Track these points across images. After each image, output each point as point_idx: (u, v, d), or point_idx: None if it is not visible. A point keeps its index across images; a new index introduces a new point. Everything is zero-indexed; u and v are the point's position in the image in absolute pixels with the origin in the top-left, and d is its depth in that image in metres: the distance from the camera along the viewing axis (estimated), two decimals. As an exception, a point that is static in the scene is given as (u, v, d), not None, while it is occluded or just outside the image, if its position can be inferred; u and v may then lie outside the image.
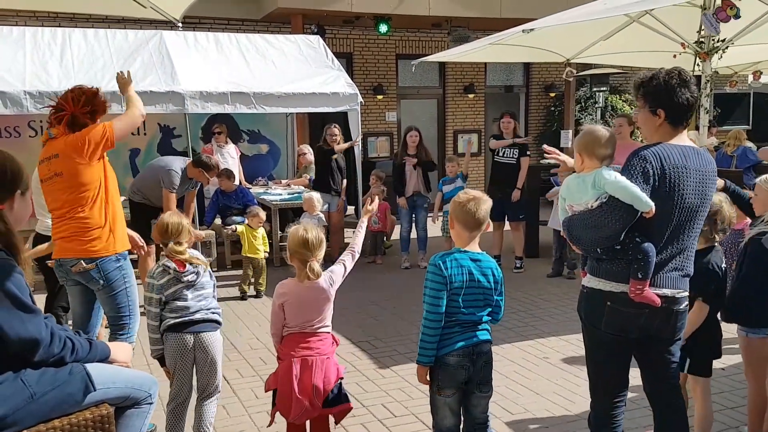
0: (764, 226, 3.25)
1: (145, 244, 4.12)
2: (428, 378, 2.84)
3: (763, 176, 3.40)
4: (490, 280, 2.82)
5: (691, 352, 3.17)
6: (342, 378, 3.18)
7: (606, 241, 2.63)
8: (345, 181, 8.33)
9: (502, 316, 2.96)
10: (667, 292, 2.66)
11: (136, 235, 4.02)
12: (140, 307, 3.69)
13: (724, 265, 3.21)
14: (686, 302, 2.76)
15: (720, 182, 3.49)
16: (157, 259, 3.79)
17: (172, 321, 3.25)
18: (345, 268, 3.28)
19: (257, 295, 6.81)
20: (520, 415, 3.96)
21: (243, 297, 6.76)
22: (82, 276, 3.56)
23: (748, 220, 3.81)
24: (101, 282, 3.56)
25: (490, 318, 2.88)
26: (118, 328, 3.67)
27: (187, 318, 3.26)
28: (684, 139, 2.72)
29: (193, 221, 7.01)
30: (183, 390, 3.34)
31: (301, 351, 3.05)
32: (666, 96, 2.67)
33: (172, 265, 3.26)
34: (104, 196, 3.55)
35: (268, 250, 7.03)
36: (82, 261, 3.50)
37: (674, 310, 2.70)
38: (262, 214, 6.98)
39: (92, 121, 3.56)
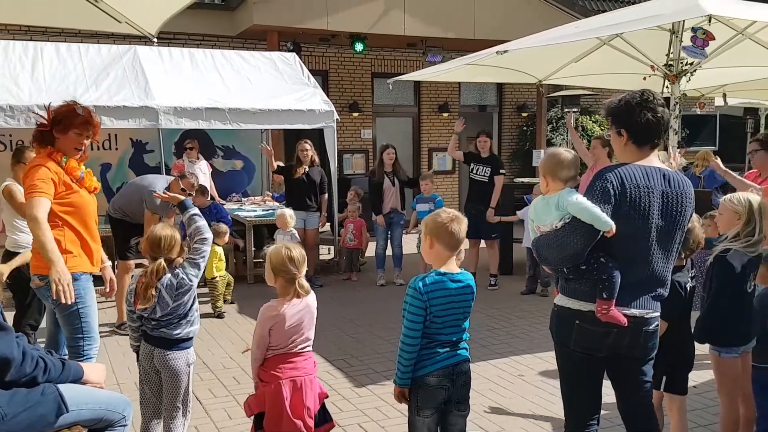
0: (728, 243, 3.32)
1: (110, 288, 3.99)
2: (407, 398, 2.83)
3: (728, 195, 3.47)
4: (469, 300, 2.84)
5: (667, 369, 3.20)
6: (327, 396, 3.16)
7: (570, 260, 2.66)
8: (325, 195, 8.26)
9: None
10: (636, 312, 2.68)
11: (110, 279, 3.95)
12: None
13: (690, 284, 3.26)
14: (657, 323, 2.78)
15: None
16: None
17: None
18: None
19: (221, 316, 6.64)
20: (496, 434, 3.96)
21: (215, 314, 6.67)
22: (38, 292, 3.52)
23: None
24: (50, 300, 3.45)
25: (468, 336, 2.88)
26: (74, 350, 3.55)
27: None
28: (652, 160, 2.76)
29: None
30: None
31: (288, 372, 2.98)
32: (627, 116, 2.73)
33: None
34: (63, 219, 3.50)
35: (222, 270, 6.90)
36: (36, 277, 3.46)
37: (643, 330, 2.71)
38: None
39: (61, 132, 3.55)
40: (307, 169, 7.95)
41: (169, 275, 3.18)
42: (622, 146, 2.79)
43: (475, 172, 7.82)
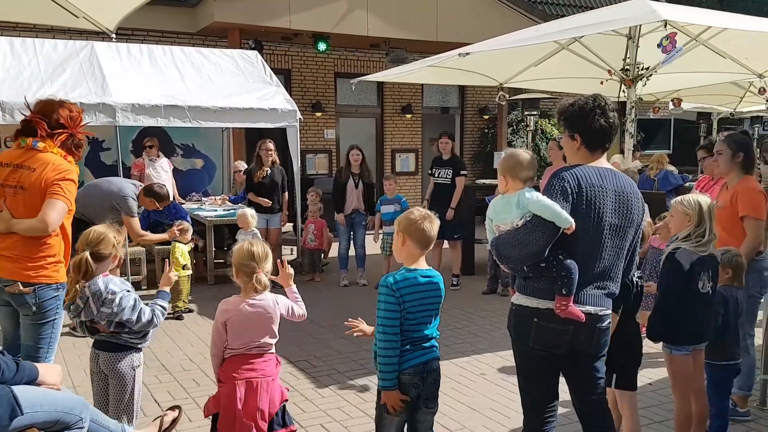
0: (679, 243, 3.42)
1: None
2: (401, 400, 2.80)
3: (678, 198, 3.57)
4: (439, 296, 2.86)
5: (617, 366, 3.28)
6: (287, 400, 3.12)
7: (531, 258, 2.70)
8: (286, 194, 8.21)
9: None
10: (590, 309, 2.74)
11: None
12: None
13: (639, 282, 3.34)
14: (609, 320, 2.85)
15: None
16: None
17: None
18: (292, 307, 3.20)
19: (181, 317, 6.52)
20: (458, 432, 4.00)
21: (174, 314, 6.56)
22: (14, 298, 3.36)
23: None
24: (33, 308, 3.35)
25: (438, 334, 2.91)
26: (33, 358, 3.39)
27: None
28: (602, 162, 2.85)
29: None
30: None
31: (245, 373, 2.96)
32: (582, 122, 2.82)
33: None
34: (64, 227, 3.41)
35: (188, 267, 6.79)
36: (19, 283, 3.28)
37: (597, 327, 2.78)
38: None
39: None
40: (268, 171, 7.89)
41: (100, 280, 3.09)
42: (574, 150, 2.88)
43: (437, 175, 7.88)
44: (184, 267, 6.54)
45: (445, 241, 7.87)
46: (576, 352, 2.80)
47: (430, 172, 8.06)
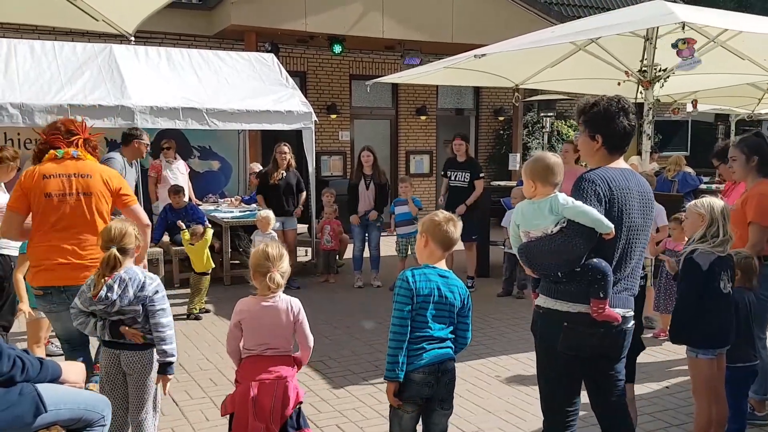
0: (695, 245, 3.41)
1: None
2: (398, 399, 2.82)
3: (693, 201, 3.56)
4: (456, 298, 2.87)
5: None
6: (301, 402, 3.11)
7: (570, 265, 2.67)
8: (303, 194, 8.22)
9: (469, 339, 2.99)
10: (620, 311, 2.73)
11: None
12: None
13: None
14: (633, 321, 2.84)
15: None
16: None
17: None
18: (304, 323, 3.11)
19: (198, 317, 6.57)
20: (474, 434, 4.00)
21: (189, 316, 6.63)
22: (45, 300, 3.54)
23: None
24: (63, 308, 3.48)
25: (453, 336, 2.91)
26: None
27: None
28: (621, 164, 2.85)
29: None
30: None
31: (259, 374, 2.98)
32: (604, 123, 2.80)
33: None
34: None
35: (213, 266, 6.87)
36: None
37: (623, 329, 2.77)
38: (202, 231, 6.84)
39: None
40: (284, 174, 7.93)
41: (137, 268, 3.16)
42: (593, 150, 2.85)
43: (453, 178, 7.83)
44: (203, 274, 6.64)
45: (460, 243, 7.86)
46: (600, 354, 2.80)
47: (444, 173, 8.02)
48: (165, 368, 3.16)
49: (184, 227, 6.96)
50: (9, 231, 3.59)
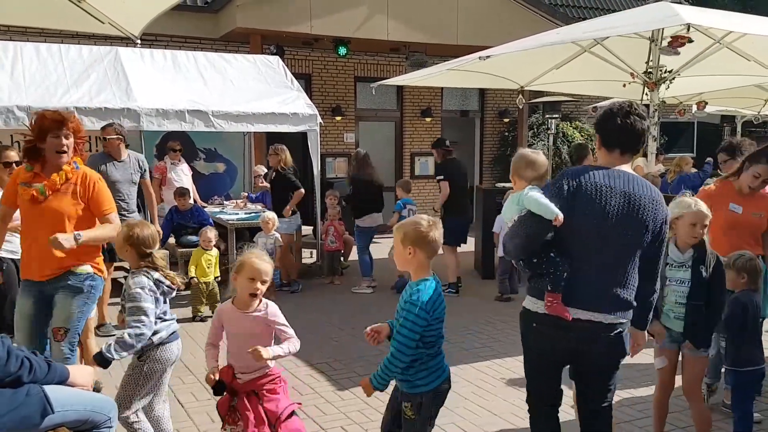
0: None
1: None
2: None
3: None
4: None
5: None
6: (293, 412, 3.11)
7: (522, 250, 2.81)
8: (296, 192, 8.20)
9: None
10: (592, 316, 2.71)
11: None
12: None
13: None
14: (620, 329, 2.77)
15: None
16: None
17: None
18: (289, 343, 3.13)
19: (204, 319, 6.58)
20: (479, 436, 3.99)
21: (194, 318, 6.64)
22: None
23: None
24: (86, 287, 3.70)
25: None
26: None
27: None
28: (623, 165, 2.84)
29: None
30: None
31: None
32: (601, 122, 2.91)
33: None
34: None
35: (218, 274, 6.87)
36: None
37: (601, 336, 2.73)
38: (212, 235, 6.85)
39: (40, 141, 3.69)
40: (274, 174, 7.94)
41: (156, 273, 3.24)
42: (597, 149, 2.97)
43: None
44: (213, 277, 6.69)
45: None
46: (582, 359, 2.82)
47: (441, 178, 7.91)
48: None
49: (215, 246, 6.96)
50: None
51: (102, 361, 2.94)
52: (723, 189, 4.35)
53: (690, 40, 5.11)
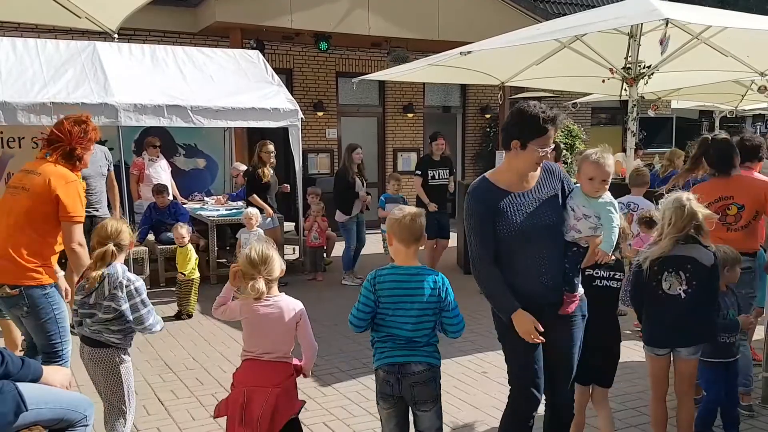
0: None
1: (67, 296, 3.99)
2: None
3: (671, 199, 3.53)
4: (428, 293, 2.83)
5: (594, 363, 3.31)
6: (296, 414, 3.04)
7: None
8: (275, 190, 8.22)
9: (459, 329, 2.96)
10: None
11: (65, 289, 3.90)
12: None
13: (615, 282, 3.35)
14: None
15: None
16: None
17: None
18: (309, 339, 3.14)
19: (180, 317, 6.55)
20: (460, 430, 4.00)
21: (178, 316, 6.60)
22: (4, 302, 3.45)
23: (650, 238, 3.94)
24: (25, 309, 3.45)
25: (430, 337, 2.89)
26: (51, 355, 3.54)
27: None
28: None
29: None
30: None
31: (254, 381, 2.94)
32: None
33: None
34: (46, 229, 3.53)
35: (194, 268, 6.80)
36: (6, 286, 3.40)
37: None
38: (183, 231, 6.76)
39: (85, 149, 3.67)
40: (272, 172, 7.93)
41: (118, 265, 3.14)
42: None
43: (433, 177, 7.83)
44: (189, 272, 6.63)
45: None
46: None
47: (419, 173, 7.93)
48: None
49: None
50: None
51: None
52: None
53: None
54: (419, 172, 7.96)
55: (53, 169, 3.55)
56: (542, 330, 2.81)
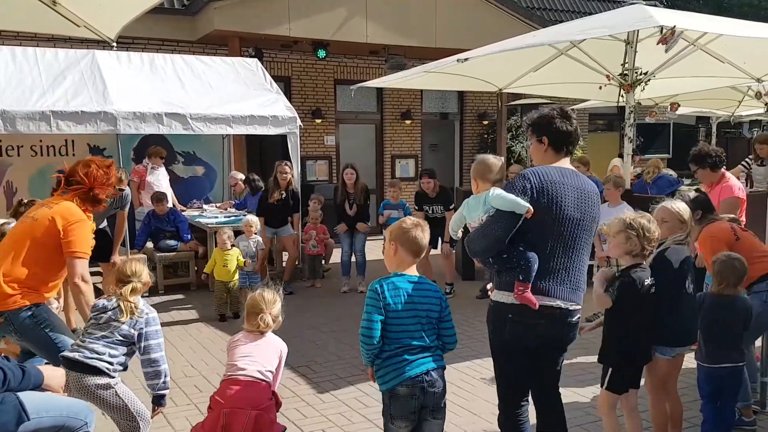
0: (668, 243, 3.50)
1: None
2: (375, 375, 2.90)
3: (664, 204, 3.61)
4: (431, 303, 2.85)
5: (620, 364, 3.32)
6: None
7: (492, 248, 2.94)
8: (297, 215, 8.23)
9: (455, 340, 2.99)
10: (560, 303, 2.94)
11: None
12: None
13: (648, 282, 3.33)
14: (578, 315, 3.04)
15: None
16: None
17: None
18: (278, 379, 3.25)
19: (236, 317, 6.65)
20: (459, 436, 4.01)
21: (222, 318, 6.73)
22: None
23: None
24: (15, 334, 3.48)
25: (438, 343, 2.89)
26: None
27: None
28: (565, 163, 3.12)
29: (123, 244, 6.79)
30: None
31: (233, 402, 2.91)
32: (548, 125, 3.10)
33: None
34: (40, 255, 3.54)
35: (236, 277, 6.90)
36: None
37: (567, 321, 2.99)
38: (225, 237, 6.82)
39: (104, 193, 3.73)
40: (283, 194, 7.93)
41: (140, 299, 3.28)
42: (543, 152, 3.14)
43: (428, 211, 7.70)
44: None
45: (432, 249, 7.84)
46: (545, 344, 3.03)
47: (419, 208, 7.78)
48: (159, 399, 3.30)
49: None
50: None
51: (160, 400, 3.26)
52: None
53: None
54: (416, 208, 7.82)
55: (66, 205, 3.60)
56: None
